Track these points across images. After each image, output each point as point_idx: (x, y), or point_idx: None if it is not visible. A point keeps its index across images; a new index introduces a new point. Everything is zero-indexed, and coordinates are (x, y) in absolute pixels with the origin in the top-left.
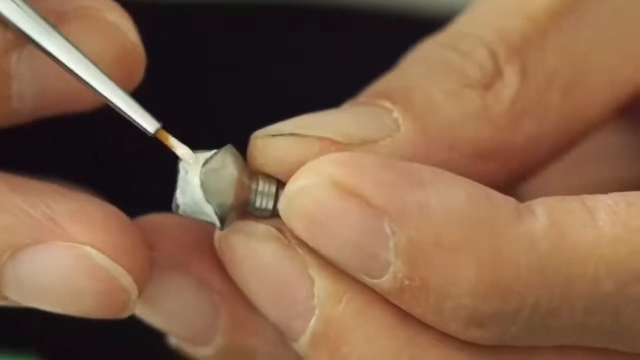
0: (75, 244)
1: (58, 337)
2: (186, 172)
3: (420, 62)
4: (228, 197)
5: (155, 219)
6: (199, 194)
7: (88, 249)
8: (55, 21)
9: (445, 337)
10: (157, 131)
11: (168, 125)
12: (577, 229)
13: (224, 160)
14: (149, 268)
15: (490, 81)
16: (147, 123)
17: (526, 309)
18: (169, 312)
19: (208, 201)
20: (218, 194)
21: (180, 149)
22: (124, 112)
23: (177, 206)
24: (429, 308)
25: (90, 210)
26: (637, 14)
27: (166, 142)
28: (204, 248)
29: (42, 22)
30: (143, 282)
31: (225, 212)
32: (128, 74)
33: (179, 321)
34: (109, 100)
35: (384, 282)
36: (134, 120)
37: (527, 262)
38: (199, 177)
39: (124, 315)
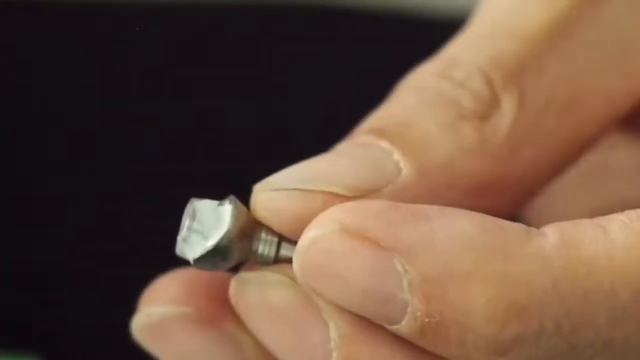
0: None
1: (58, 337)
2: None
3: (415, 93)
4: (230, 243)
5: (186, 274)
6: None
7: None
8: None
9: None
10: None
11: (168, 129)
12: (589, 244)
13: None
14: None
15: (486, 111)
16: None
17: (547, 329)
18: None
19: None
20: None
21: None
22: None
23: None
24: (452, 343)
25: None
26: (630, 32)
27: None
28: None
29: None
30: None
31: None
32: None
33: None
34: None
35: (404, 325)
36: None
37: (540, 281)
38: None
39: None
